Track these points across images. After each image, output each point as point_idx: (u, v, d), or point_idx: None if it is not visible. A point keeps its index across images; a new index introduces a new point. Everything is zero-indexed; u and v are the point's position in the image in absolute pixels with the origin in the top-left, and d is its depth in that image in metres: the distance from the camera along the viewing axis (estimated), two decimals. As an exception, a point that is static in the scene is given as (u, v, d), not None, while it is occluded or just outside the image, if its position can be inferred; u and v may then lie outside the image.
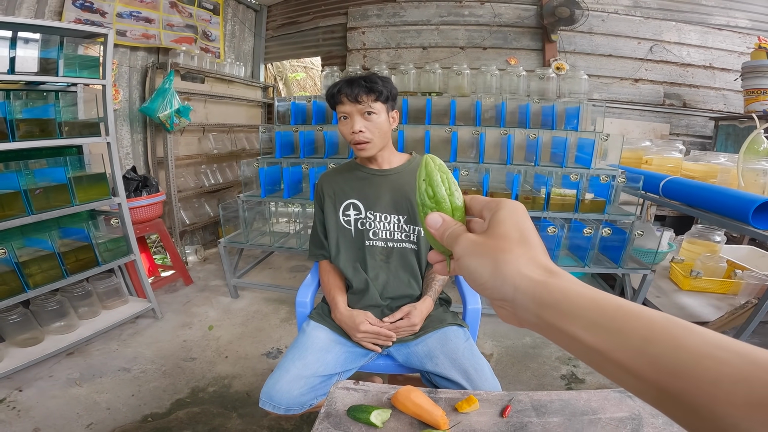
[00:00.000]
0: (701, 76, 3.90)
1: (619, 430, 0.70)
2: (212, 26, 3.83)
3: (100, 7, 2.82)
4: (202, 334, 2.30)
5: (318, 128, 2.73)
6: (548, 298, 0.31)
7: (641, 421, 0.72)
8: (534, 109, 2.64)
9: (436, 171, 0.42)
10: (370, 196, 1.29)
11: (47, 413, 1.65)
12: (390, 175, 1.31)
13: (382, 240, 1.29)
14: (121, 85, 3.05)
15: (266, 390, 1.05)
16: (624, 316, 0.28)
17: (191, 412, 1.70)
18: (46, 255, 1.87)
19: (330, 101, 1.26)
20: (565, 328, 0.30)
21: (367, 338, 1.19)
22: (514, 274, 0.33)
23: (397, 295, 1.27)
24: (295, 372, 1.07)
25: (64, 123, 1.93)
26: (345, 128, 1.24)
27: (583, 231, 2.07)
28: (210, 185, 3.63)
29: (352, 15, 4.07)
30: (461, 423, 0.73)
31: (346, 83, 1.21)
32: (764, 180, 2.07)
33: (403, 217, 1.28)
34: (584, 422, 0.73)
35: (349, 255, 1.31)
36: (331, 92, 1.24)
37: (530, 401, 0.80)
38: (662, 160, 2.55)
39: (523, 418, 0.75)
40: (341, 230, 1.32)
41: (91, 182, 2.04)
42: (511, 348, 2.22)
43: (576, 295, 0.30)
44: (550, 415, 0.76)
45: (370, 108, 1.20)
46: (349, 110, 1.21)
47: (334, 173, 1.39)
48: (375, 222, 1.29)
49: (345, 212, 1.31)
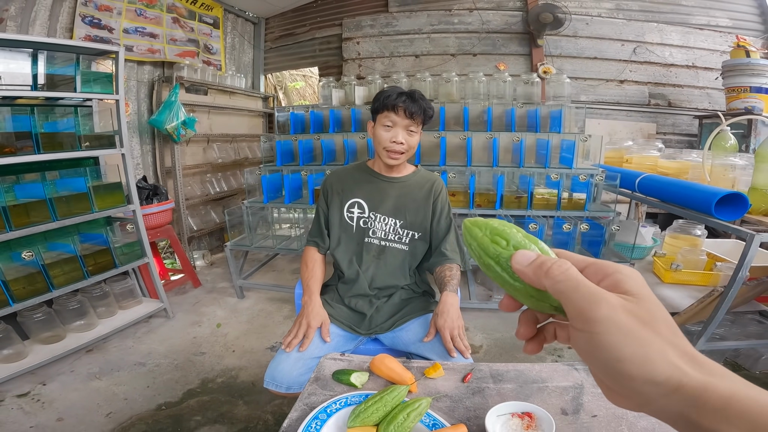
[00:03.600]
0: (684, 75, 4.03)
1: (563, 396, 0.80)
2: (213, 39, 4.01)
3: (108, 24, 3.00)
4: (210, 331, 2.46)
5: (316, 137, 2.89)
6: (711, 402, 0.26)
7: (582, 390, 0.82)
8: (519, 113, 2.79)
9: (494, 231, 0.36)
10: (375, 198, 1.42)
11: (69, 404, 1.80)
12: (396, 183, 1.44)
13: (378, 239, 1.42)
14: (130, 99, 3.22)
15: (269, 372, 1.18)
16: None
17: (201, 401, 1.85)
18: (69, 258, 2.04)
19: (380, 106, 1.34)
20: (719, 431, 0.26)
21: (306, 331, 1.24)
22: (666, 366, 0.27)
23: (383, 285, 1.41)
24: (293, 355, 1.20)
25: (83, 136, 2.10)
26: (386, 135, 1.33)
27: (563, 227, 2.22)
28: (215, 193, 3.80)
29: (346, 26, 4.25)
30: (427, 385, 0.86)
31: (410, 98, 1.31)
32: (733, 174, 2.20)
33: (400, 222, 1.42)
34: (533, 389, 0.84)
35: (348, 248, 1.43)
36: (388, 100, 1.31)
37: (489, 370, 0.92)
38: (641, 159, 2.69)
39: (482, 384, 0.86)
40: (344, 225, 1.44)
41: (108, 191, 2.22)
42: (500, 340, 2.35)
43: (744, 398, 0.26)
44: (505, 382, 0.87)
45: (415, 127, 1.34)
46: (397, 121, 1.32)
47: (345, 173, 1.50)
48: (376, 222, 1.41)
49: (350, 209, 1.43)
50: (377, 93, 1.38)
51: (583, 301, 0.29)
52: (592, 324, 0.29)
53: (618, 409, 0.72)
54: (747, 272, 1.78)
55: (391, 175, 1.45)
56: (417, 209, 1.43)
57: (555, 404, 0.77)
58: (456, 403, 0.78)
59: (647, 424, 0.68)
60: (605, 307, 0.28)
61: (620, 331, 0.28)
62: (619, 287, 0.30)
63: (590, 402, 0.76)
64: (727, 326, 2.14)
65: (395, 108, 1.30)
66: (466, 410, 0.76)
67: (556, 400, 0.78)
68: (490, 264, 0.35)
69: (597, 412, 0.73)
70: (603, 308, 0.28)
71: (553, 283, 0.31)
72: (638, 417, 0.70)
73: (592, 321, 0.29)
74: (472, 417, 0.74)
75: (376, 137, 1.37)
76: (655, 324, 0.28)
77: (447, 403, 0.78)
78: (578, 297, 0.30)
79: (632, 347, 0.27)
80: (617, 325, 0.28)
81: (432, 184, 1.47)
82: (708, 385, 0.26)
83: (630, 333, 0.28)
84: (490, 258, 0.35)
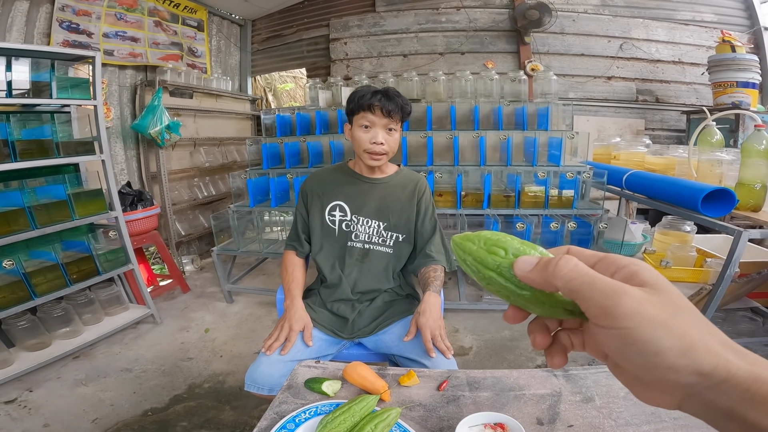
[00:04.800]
0: (671, 71, 4.05)
1: (539, 405, 0.78)
2: (197, 42, 3.97)
3: (87, 28, 2.96)
4: (198, 337, 2.44)
5: (302, 139, 2.87)
6: (761, 393, 0.24)
7: (560, 398, 0.80)
8: (506, 111, 2.78)
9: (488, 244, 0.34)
10: (357, 200, 1.38)
11: (56, 410, 1.79)
12: (378, 184, 1.40)
13: (361, 242, 1.38)
14: (112, 104, 3.18)
15: (250, 374, 1.15)
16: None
17: (188, 406, 1.84)
18: (51, 266, 2.02)
19: (355, 106, 1.30)
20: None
21: (288, 335, 1.22)
22: (711, 356, 0.25)
23: (366, 290, 1.39)
24: (275, 357, 1.17)
25: (61, 143, 2.07)
26: (364, 136, 1.29)
27: (550, 225, 2.22)
28: (203, 197, 3.76)
29: (334, 26, 4.23)
30: (401, 393, 0.84)
31: (385, 96, 1.27)
32: (720, 170, 2.20)
33: (383, 224, 1.38)
34: (510, 397, 0.82)
35: (331, 253, 1.40)
36: (363, 99, 1.27)
37: (466, 377, 0.89)
38: (629, 155, 2.69)
39: (457, 392, 0.84)
40: (326, 229, 1.40)
41: (89, 198, 2.19)
42: (490, 341, 2.34)
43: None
44: (481, 390, 0.85)
45: (394, 125, 1.30)
46: (375, 121, 1.28)
47: (325, 174, 1.46)
48: (358, 225, 1.38)
49: (331, 212, 1.39)
50: (350, 94, 1.34)
51: (603, 297, 0.27)
52: (619, 320, 0.27)
53: (595, 419, 0.71)
54: (736, 269, 1.77)
55: (374, 176, 1.41)
56: (401, 210, 1.40)
57: (531, 413, 0.75)
58: (429, 413, 0.76)
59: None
60: (629, 301, 0.27)
61: (653, 323, 0.26)
62: (635, 279, 0.29)
63: (567, 411, 0.75)
64: (719, 324, 2.14)
65: (371, 107, 1.27)
66: (440, 420, 0.74)
67: (532, 408, 0.76)
68: (492, 276, 0.33)
69: (573, 421, 0.71)
70: (627, 302, 0.27)
71: (564, 283, 0.29)
72: (615, 427, 0.69)
73: (618, 317, 0.27)
74: (445, 427, 0.72)
75: (355, 139, 1.33)
76: (686, 314, 0.27)
77: (420, 413, 0.76)
78: (597, 294, 0.28)
79: (670, 339, 0.26)
80: (648, 318, 0.26)
81: (415, 184, 1.44)
82: (758, 375, 0.25)
83: (664, 324, 0.26)
84: (491, 270, 0.33)
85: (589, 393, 0.80)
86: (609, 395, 0.79)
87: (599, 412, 0.73)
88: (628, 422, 0.70)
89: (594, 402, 0.77)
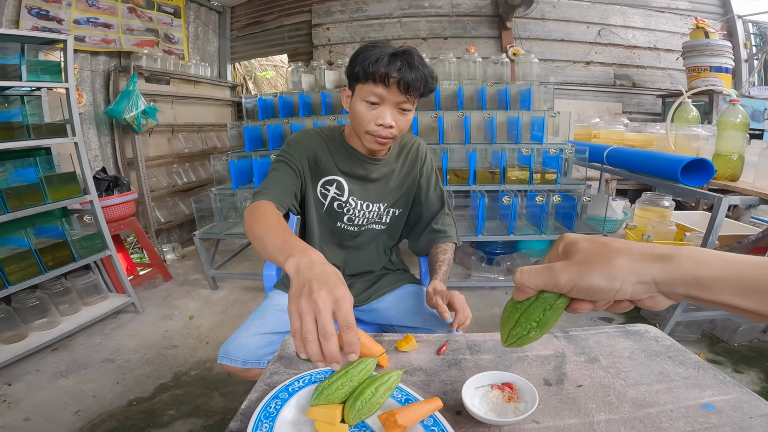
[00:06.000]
0: (647, 57, 4.15)
1: (544, 366, 0.76)
2: (174, 29, 3.85)
3: (56, 15, 2.84)
4: (183, 324, 2.37)
5: (285, 121, 2.82)
6: (679, 278, 0.36)
7: (564, 358, 0.78)
8: (490, 92, 2.80)
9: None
10: (356, 183, 1.16)
11: (36, 404, 1.72)
12: (378, 164, 1.17)
13: (356, 225, 1.21)
14: (84, 89, 3.06)
15: (224, 347, 1.02)
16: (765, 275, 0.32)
17: (175, 394, 1.78)
18: (23, 252, 1.93)
19: (362, 73, 0.96)
20: (716, 300, 0.35)
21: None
22: (627, 272, 0.39)
23: (357, 272, 1.28)
24: (253, 329, 1.05)
25: (32, 126, 1.97)
26: (369, 114, 1.00)
27: (536, 199, 2.24)
28: (183, 184, 3.66)
29: (316, 12, 4.16)
30: (399, 359, 0.80)
31: (407, 65, 0.94)
32: (696, 144, 2.27)
33: (384, 204, 1.19)
34: (513, 359, 0.79)
35: (319, 232, 1.22)
36: (376, 66, 0.94)
37: (465, 341, 0.86)
38: (608, 134, 2.75)
39: (458, 355, 0.81)
40: (314, 203, 1.18)
41: (62, 181, 2.09)
42: (480, 318, 2.36)
43: (710, 267, 0.35)
44: (483, 353, 0.82)
45: (410, 105, 1.01)
46: (386, 97, 0.97)
47: (319, 139, 1.15)
48: (355, 209, 1.17)
49: (325, 186, 1.15)
50: (358, 50, 1.00)
51: (553, 281, 0.43)
52: (567, 287, 0.43)
53: (603, 379, 0.70)
54: (716, 238, 1.81)
55: (375, 156, 1.16)
56: (401, 184, 1.21)
57: (537, 374, 0.73)
58: (431, 377, 0.74)
59: (636, 394, 0.66)
60: (563, 273, 0.42)
61: (582, 276, 0.41)
62: (567, 250, 0.44)
63: (574, 371, 0.73)
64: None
65: (386, 79, 0.94)
66: (443, 384, 0.71)
67: (537, 370, 0.74)
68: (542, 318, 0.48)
69: (582, 381, 0.70)
70: (563, 275, 0.42)
71: (534, 285, 0.46)
72: (626, 386, 0.68)
73: (565, 286, 0.43)
74: (449, 391, 0.69)
75: (356, 115, 1.02)
76: (598, 255, 0.41)
77: (421, 377, 0.74)
78: (549, 276, 0.44)
79: (598, 277, 0.40)
80: (577, 275, 0.41)
81: (417, 149, 1.24)
82: (668, 267, 0.38)
83: (587, 272, 0.41)
84: (535, 320, 0.48)
85: (593, 353, 0.79)
86: (613, 355, 0.78)
87: (606, 371, 0.73)
88: (638, 381, 0.69)
89: (599, 362, 0.76)
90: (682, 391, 0.66)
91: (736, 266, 0.34)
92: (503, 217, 2.57)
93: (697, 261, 0.36)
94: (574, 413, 0.62)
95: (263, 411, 0.61)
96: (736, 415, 0.60)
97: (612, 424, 0.60)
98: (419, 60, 0.97)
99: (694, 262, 0.36)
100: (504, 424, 0.60)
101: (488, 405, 0.63)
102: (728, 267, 0.34)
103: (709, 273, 0.35)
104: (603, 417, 0.61)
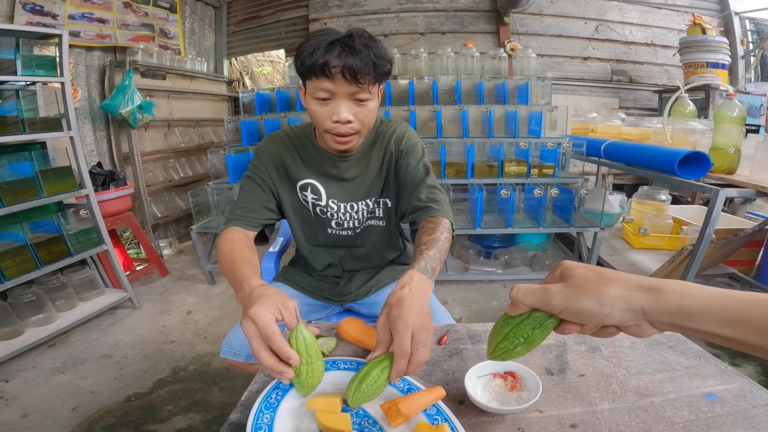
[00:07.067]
0: (644, 53, 4.15)
1: (546, 356, 0.76)
2: (170, 24, 3.81)
3: (51, 10, 2.81)
4: (180, 319, 2.36)
5: (282, 115, 2.81)
6: (666, 308, 0.39)
7: (566, 348, 0.78)
8: (487, 86, 2.80)
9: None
10: (331, 183, 1.08)
11: (34, 400, 1.71)
12: (350, 159, 1.07)
13: (348, 229, 1.13)
14: (79, 84, 3.03)
15: (227, 341, 1.01)
16: (747, 308, 0.36)
17: (173, 389, 1.78)
18: (19, 247, 1.91)
19: (304, 69, 0.87)
20: (698, 329, 0.38)
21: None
22: (616, 300, 0.41)
23: (358, 268, 1.24)
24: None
25: (27, 120, 1.96)
26: (321, 111, 0.90)
27: (534, 192, 2.24)
28: (180, 179, 3.64)
29: (313, 7, 4.13)
30: None
31: (348, 50, 0.82)
32: (693, 137, 2.28)
33: (371, 200, 1.10)
34: None
35: (308, 236, 1.17)
36: (312, 59, 0.83)
37: (466, 331, 0.86)
38: (606, 128, 2.75)
39: (459, 345, 0.81)
40: (299, 208, 1.12)
41: (58, 176, 2.07)
42: (479, 312, 2.37)
43: (695, 299, 0.38)
44: (484, 342, 0.81)
45: (367, 93, 0.89)
46: (335, 90, 0.87)
47: (289, 143, 1.08)
48: (339, 213, 1.10)
49: (301, 191, 1.08)
50: (298, 45, 0.87)
51: (546, 301, 0.46)
52: (559, 309, 0.45)
53: (605, 368, 0.71)
54: (713, 230, 1.82)
55: (345, 152, 1.05)
56: (379, 173, 1.09)
57: (539, 364, 0.73)
58: (433, 367, 0.73)
59: (638, 383, 0.66)
60: (557, 296, 0.45)
61: (573, 300, 0.43)
62: (563, 274, 0.47)
63: (575, 361, 0.73)
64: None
65: (327, 70, 0.83)
66: (444, 374, 0.71)
67: (539, 359, 0.74)
68: (529, 334, 0.49)
69: (584, 371, 0.70)
70: (556, 297, 0.45)
71: (528, 303, 0.48)
72: (628, 375, 0.68)
73: (557, 307, 0.45)
74: (450, 380, 0.69)
75: (311, 114, 0.93)
76: (590, 283, 0.44)
77: (423, 367, 0.73)
78: (542, 303, 0.47)
79: (588, 302, 0.43)
80: (570, 299, 0.44)
81: (393, 130, 1.10)
82: (656, 298, 0.40)
83: (579, 296, 0.43)
84: (524, 336, 0.49)
85: (594, 343, 0.79)
86: (614, 345, 0.78)
87: (608, 361, 0.73)
88: (640, 371, 0.69)
89: (601, 351, 0.76)
90: (684, 381, 0.67)
91: (718, 299, 0.37)
92: (501, 211, 2.57)
93: (683, 293, 0.39)
94: (578, 402, 0.62)
95: (264, 402, 0.60)
96: (740, 404, 0.60)
97: (616, 412, 0.60)
98: (363, 42, 0.84)
99: (681, 294, 0.39)
100: (507, 413, 0.60)
101: (491, 394, 0.63)
102: (712, 299, 0.37)
103: (694, 304, 0.38)
104: (606, 406, 0.61)
